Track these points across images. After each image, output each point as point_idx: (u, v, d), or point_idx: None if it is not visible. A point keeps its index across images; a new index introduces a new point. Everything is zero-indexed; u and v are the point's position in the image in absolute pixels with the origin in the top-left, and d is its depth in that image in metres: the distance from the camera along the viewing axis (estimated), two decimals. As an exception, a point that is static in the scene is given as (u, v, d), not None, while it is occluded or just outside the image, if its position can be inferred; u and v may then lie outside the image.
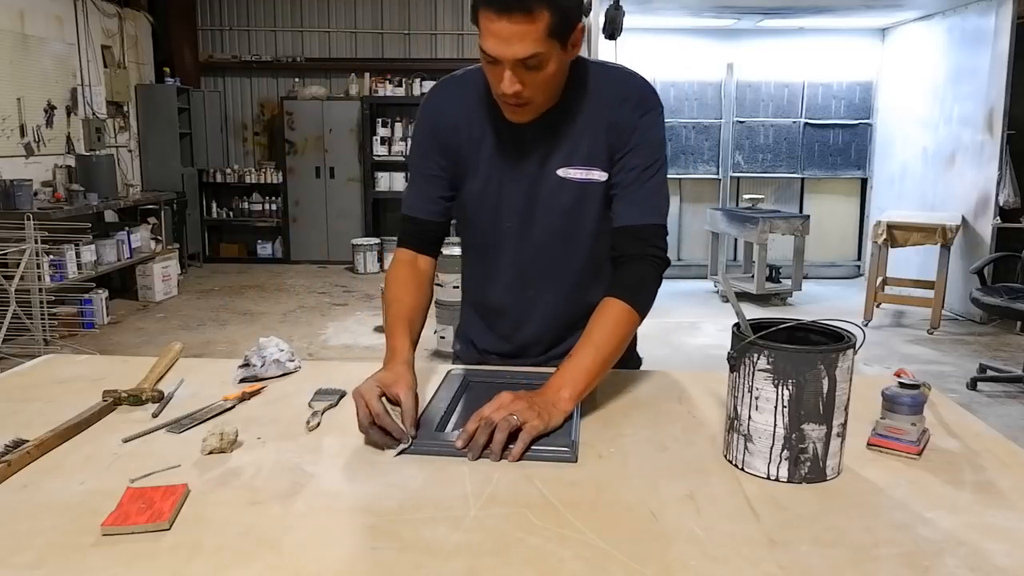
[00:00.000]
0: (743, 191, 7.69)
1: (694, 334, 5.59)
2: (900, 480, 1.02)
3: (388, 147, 8.21)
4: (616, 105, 1.34)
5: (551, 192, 1.37)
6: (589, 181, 1.36)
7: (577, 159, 1.35)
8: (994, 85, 5.75)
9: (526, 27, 1.15)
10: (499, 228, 1.43)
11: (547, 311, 1.48)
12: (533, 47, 1.17)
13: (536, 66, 1.20)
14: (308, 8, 8.43)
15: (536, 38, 1.16)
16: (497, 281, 1.49)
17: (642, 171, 1.34)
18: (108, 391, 1.27)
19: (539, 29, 1.16)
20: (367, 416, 1.11)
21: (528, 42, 1.16)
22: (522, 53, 1.17)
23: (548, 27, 1.16)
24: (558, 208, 1.39)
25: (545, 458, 1.07)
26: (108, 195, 6.42)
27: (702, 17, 6.89)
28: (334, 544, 0.86)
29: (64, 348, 4.91)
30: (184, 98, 7.89)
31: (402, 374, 1.20)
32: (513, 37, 1.16)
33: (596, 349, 1.24)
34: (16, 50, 5.91)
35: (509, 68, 1.19)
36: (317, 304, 6.56)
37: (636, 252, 1.34)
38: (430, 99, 1.44)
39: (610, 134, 1.34)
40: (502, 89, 1.22)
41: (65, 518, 0.90)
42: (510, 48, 1.17)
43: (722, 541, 0.86)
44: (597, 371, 1.24)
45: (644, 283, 1.33)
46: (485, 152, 1.39)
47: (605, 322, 1.28)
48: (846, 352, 1.00)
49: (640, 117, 1.34)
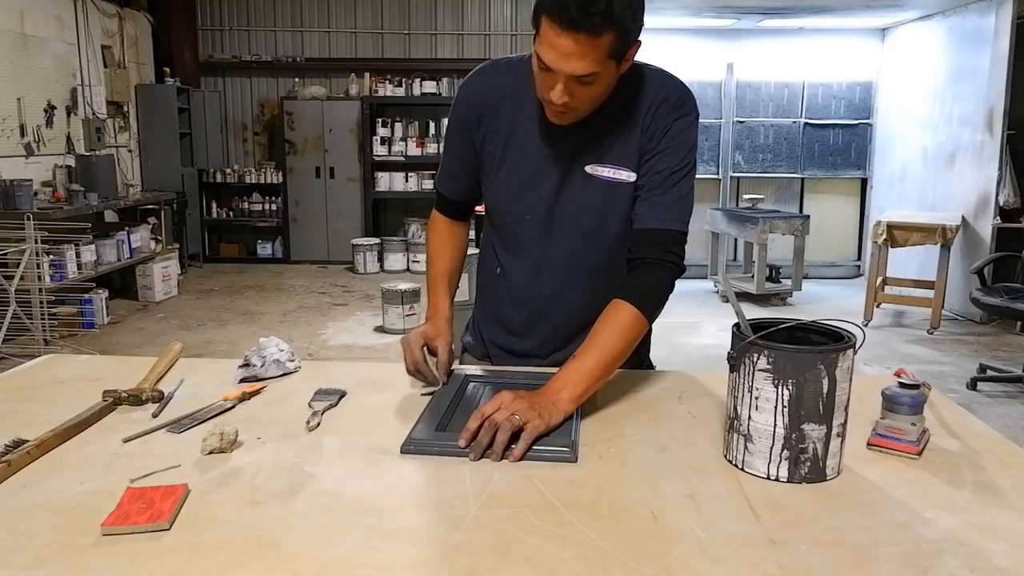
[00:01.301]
0: (743, 191, 7.69)
1: (694, 334, 5.59)
2: (900, 480, 1.02)
3: (388, 147, 8.21)
4: (653, 108, 1.33)
5: (578, 189, 1.36)
6: (617, 181, 1.35)
7: (607, 158, 1.34)
8: (994, 85, 5.75)
9: (589, 47, 1.13)
10: (520, 220, 1.42)
11: (562, 310, 1.46)
12: (592, 67, 1.16)
13: (590, 82, 1.19)
14: (308, 8, 8.42)
15: (597, 58, 1.15)
16: (514, 274, 1.48)
17: (669, 175, 1.32)
18: (108, 391, 1.27)
19: (601, 49, 1.15)
20: (413, 363, 1.34)
21: (588, 61, 1.15)
22: (580, 71, 1.16)
23: (609, 48, 1.15)
24: (584, 205, 1.37)
25: (545, 458, 1.07)
26: (108, 195, 6.42)
27: (702, 17, 6.89)
28: (334, 544, 0.86)
29: (64, 348, 4.91)
30: (184, 98, 7.89)
31: (443, 330, 1.40)
32: (574, 55, 1.14)
33: (600, 352, 1.23)
34: (16, 50, 5.91)
35: (562, 81, 1.18)
36: (317, 304, 6.56)
37: (653, 256, 1.32)
38: (468, 81, 1.44)
39: (643, 136, 1.33)
40: (551, 98, 1.21)
41: (65, 518, 0.90)
42: (568, 64, 1.15)
43: (722, 541, 0.86)
44: (599, 374, 1.23)
45: (657, 289, 1.31)
46: (515, 142, 1.38)
47: (612, 325, 1.27)
48: (846, 352, 1.00)
49: (674, 121, 1.32)
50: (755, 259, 6.57)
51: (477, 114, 1.40)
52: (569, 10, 1.10)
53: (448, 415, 1.21)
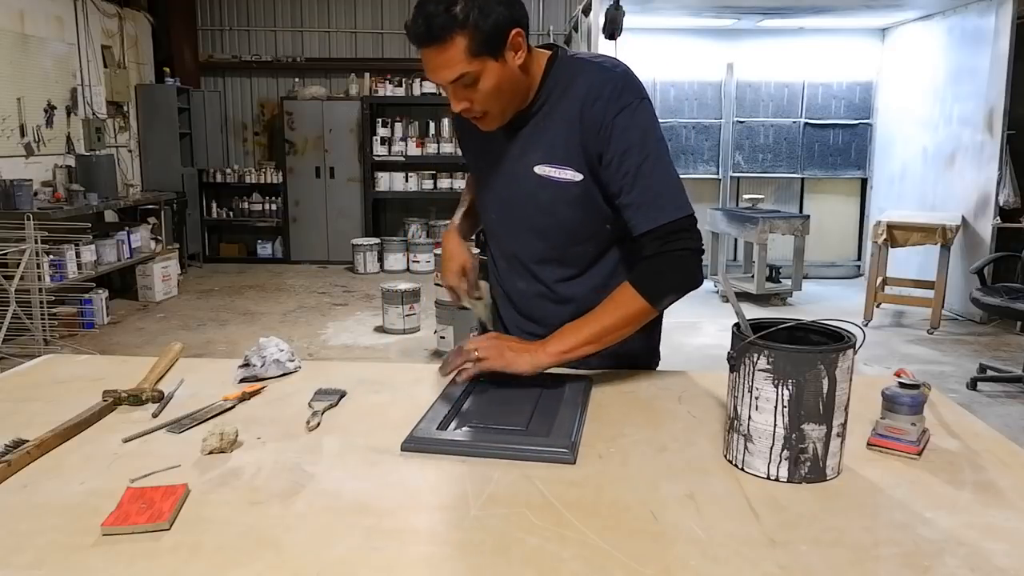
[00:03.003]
0: (743, 191, 7.69)
1: (694, 334, 5.59)
2: (900, 480, 1.02)
3: (388, 147, 8.21)
4: (589, 104, 1.31)
5: (530, 189, 1.40)
6: (564, 180, 1.36)
7: (554, 158, 1.36)
8: (994, 85, 5.74)
9: (445, 55, 1.23)
10: (489, 219, 1.54)
11: (539, 308, 1.51)
12: (457, 69, 1.24)
13: (471, 83, 1.26)
14: (308, 8, 8.43)
15: (457, 61, 1.23)
16: (498, 271, 1.58)
17: (636, 174, 1.31)
18: (108, 391, 1.27)
19: (458, 53, 1.22)
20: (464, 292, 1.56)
21: (450, 67, 1.24)
22: (448, 77, 1.25)
23: (467, 48, 1.22)
24: (536, 205, 1.41)
25: (544, 458, 1.07)
26: (108, 195, 6.42)
27: (702, 17, 6.89)
28: (334, 544, 0.86)
29: (64, 348, 4.91)
30: (184, 98, 7.89)
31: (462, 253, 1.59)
32: (436, 64, 1.25)
33: (594, 319, 1.32)
34: (16, 50, 5.91)
35: (448, 89, 1.28)
36: (317, 304, 6.56)
37: (658, 251, 1.32)
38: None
39: (584, 134, 1.32)
40: (452, 108, 1.31)
41: (65, 518, 0.90)
42: (437, 74, 1.26)
43: (722, 541, 0.86)
44: (587, 339, 1.30)
45: (660, 273, 1.32)
46: (479, 146, 1.47)
47: (609, 300, 1.33)
48: (846, 352, 1.00)
49: (615, 117, 1.30)
50: (755, 259, 6.57)
51: (459, 122, 1.49)
52: (417, 29, 1.22)
53: (451, 415, 1.21)
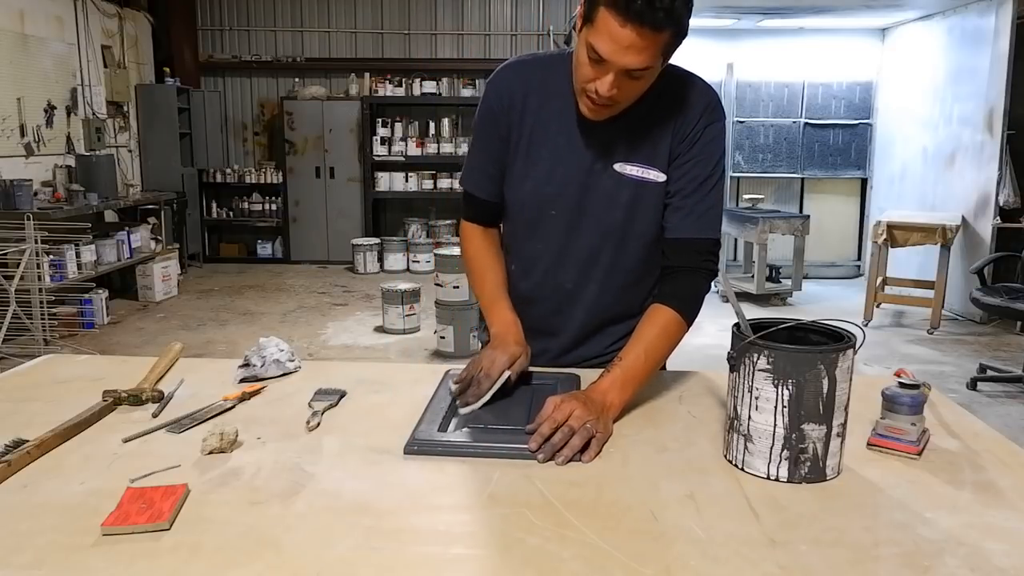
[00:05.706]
0: (743, 191, 7.69)
1: (694, 334, 5.53)
2: (900, 480, 1.02)
3: (388, 147, 8.20)
4: (684, 110, 1.33)
5: (606, 186, 1.36)
6: (646, 180, 1.34)
7: (637, 156, 1.34)
8: (994, 85, 5.74)
9: (649, 41, 1.13)
10: (544, 215, 1.41)
11: (582, 308, 1.45)
12: (648, 60, 1.16)
13: (640, 77, 1.20)
14: (308, 8, 8.42)
15: (654, 53, 1.16)
16: (534, 269, 1.46)
17: (701, 183, 1.33)
18: (108, 391, 1.27)
19: (659, 45, 1.15)
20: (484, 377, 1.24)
21: (645, 55, 1.15)
22: (637, 64, 1.16)
23: (665, 44, 1.16)
24: (611, 203, 1.37)
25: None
26: (108, 195, 6.41)
27: (702, 17, 6.88)
28: (334, 544, 0.85)
29: (64, 348, 4.90)
30: (184, 98, 7.88)
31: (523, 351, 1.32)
32: (633, 48, 1.14)
33: (645, 355, 1.25)
34: (16, 50, 5.91)
35: (614, 73, 1.18)
36: (317, 304, 6.56)
37: (691, 264, 1.33)
38: (495, 77, 1.43)
39: (674, 138, 1.33)
40: (599, 90, 1.20)
41: (65, 518, 0.90)
42: (625, 57, 1.15)
43: (722, 541, 0.86)
44: (643, 378, 1.25)
45: (696, 295, 1.34)
46: (544, 136, 1.37)
47: (655, 328, 1.29)
48: (846, 352, 0.99)
49: (705, 127, 1.32)
50: (755, 259, 6.57)
51: (507, 105, 1.38)
52: (636, 2, 1.10)
53: (449, 415, 1.21)
